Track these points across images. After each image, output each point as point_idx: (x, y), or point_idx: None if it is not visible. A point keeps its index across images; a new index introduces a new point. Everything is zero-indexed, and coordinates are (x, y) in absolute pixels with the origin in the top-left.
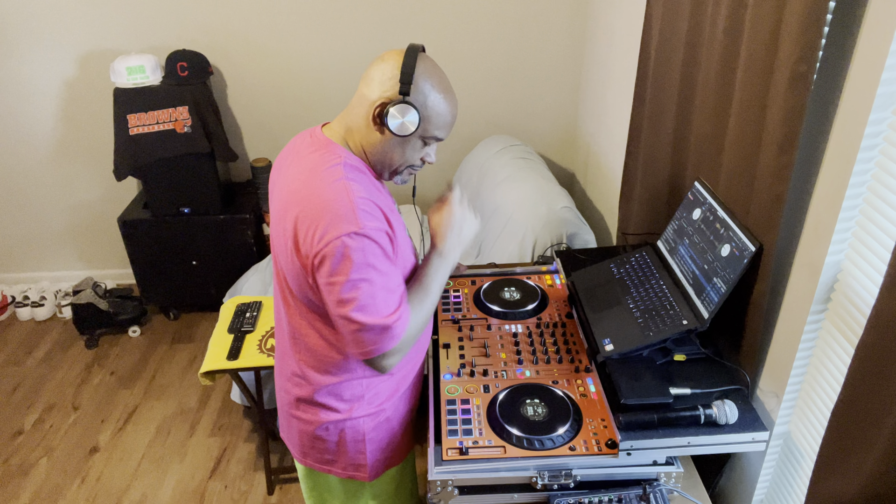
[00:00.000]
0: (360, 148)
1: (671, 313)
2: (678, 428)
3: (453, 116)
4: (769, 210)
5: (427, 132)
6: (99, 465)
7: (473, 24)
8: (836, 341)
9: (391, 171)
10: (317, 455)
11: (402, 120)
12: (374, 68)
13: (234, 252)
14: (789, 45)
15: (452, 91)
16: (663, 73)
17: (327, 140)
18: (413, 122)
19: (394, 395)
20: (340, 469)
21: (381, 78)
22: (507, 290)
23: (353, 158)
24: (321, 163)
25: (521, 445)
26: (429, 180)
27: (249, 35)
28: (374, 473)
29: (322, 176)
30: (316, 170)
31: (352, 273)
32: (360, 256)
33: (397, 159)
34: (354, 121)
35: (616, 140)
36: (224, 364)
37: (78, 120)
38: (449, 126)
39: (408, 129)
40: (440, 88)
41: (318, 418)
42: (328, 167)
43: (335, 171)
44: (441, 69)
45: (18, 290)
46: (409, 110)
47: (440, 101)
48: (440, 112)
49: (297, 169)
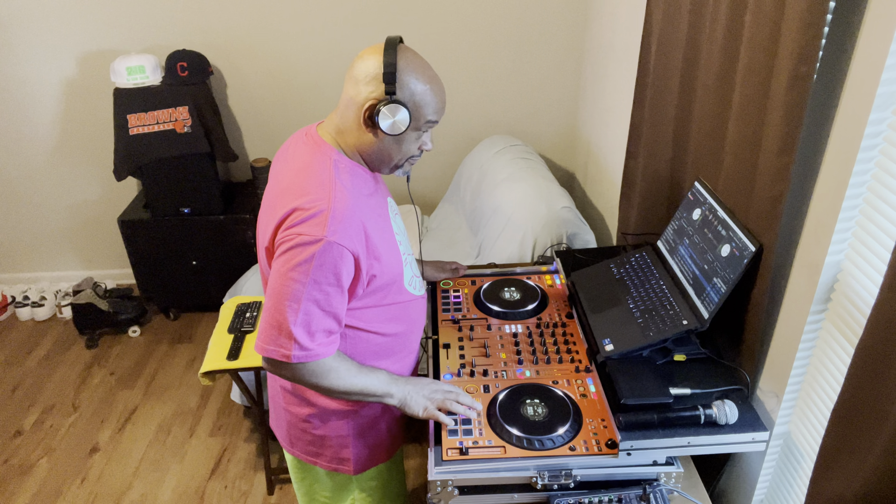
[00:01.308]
0: (353, 149)
1: (671, 313)
2: (678, 428)
3: (443, 100)
4: (769, 210)
5: (419, 122)
6: (99, 465)
7: (474, 24)
8: (836, 341)
9: (392, 166)
10: (303, 446)
11: (393, 119)
12: (355, 68)
13: (234, 252)
14: (789, 45)
15: (436, 76)
16: (663, 74)
17: (321, 140)
18: (404, 121)
19: None
20: (325, 462)
21: (365, 78)
22: (507, 290)
23: (345, 160)
24: (311, 162)
25: (521, 445)
26: (429, 180)
27: (249, 35)
28: (358, 468)
29: (309, 176)
30: (304, 169)
31: (293, 273)
32: (308, 263)
33: (396, 155)
34: (345, 123)
35: (616, 140)
36: (224, 364)
37: (78, 120)
38: (440, 110)
39: (400, 128)
40: (425, 79)
41: (302, 410)
42: (318, 168)
43: (324, 174)
44: (422, 58)
45: (18, 290)
46: (398, 109)
47: (427, 92)
48: (428, 101)
49: (289, 167)
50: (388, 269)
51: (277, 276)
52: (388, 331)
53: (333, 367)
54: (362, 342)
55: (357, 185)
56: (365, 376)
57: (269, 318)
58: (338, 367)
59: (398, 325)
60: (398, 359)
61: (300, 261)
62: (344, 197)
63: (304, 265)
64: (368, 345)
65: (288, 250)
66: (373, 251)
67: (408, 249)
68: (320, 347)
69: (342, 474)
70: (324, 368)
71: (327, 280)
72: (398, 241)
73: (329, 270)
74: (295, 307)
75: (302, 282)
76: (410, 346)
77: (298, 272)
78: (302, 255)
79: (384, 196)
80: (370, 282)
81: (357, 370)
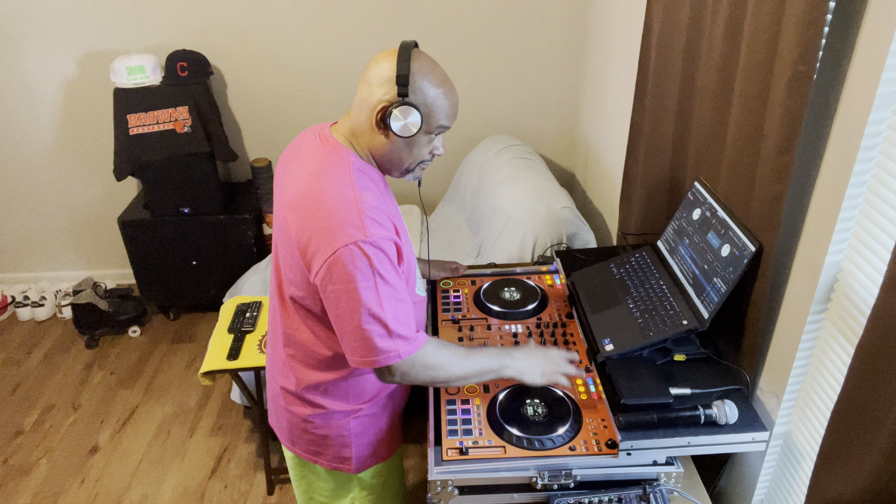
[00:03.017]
0: (366, 151)
1: (671, 313)
2: (678, 428)
3: (455, 106)
4: (769, 210)
5: (431, 126)
6: (99, 465)
7: (474, 24)
8: (836, 341)
9: (403, 170)
10: (304, 445)
11: (404, 122)
12: (370, 71)
13: (234, 252)
14: (789, 45)
15: (450, 81)
16: (663, 73)
17: (336, 142)
18: (416, 123)
19: (379, 394)
20: (326, 461)
21: (378, 81)
22: (507, 290)
23: (361, 163)
24: (330, 166)
25: (520, 445)
26: (429, 181)
27: (249, 35)
28: (359, 467)
29: (331, 179)
30: (324, 173)
31: (359, 282)
32: (366, 265)
33: (407, 158)
34: (358, 126)
35: (616, 140)
36: (224, 364)
37: (78, 120)
38: (453, 116)
39: (411, 130)
40: (438, 82)
41: (304, 411)
42: (337, 171)
43: (345, 177)
44: (436, 62)
45: (18, 290)
46: (410, 111)
47: (439, 96)
48: (441, 106)
49: (304, 170)
50: (409, 265)
51: (345, 293)
52: None
53: (443, 355)
54: None
55: (374, 186)
56: (475, 357)
57: (361, 332)
58: (447, 354)
59: None
60: None
61: (360, 269)
62: (369, 197)
63: (364, 272)
64: None
65: (346, 266)
66: (401, 244)
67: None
68: (420, 335)
69: (342, 473)
70: (434, 360)
71: (388, 272)
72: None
73: (387, 264)
74: (380, 311)
75: (371, 287)
76: None
77: (365, 279)
78: (358, 265)
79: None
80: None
81: (465, 353)
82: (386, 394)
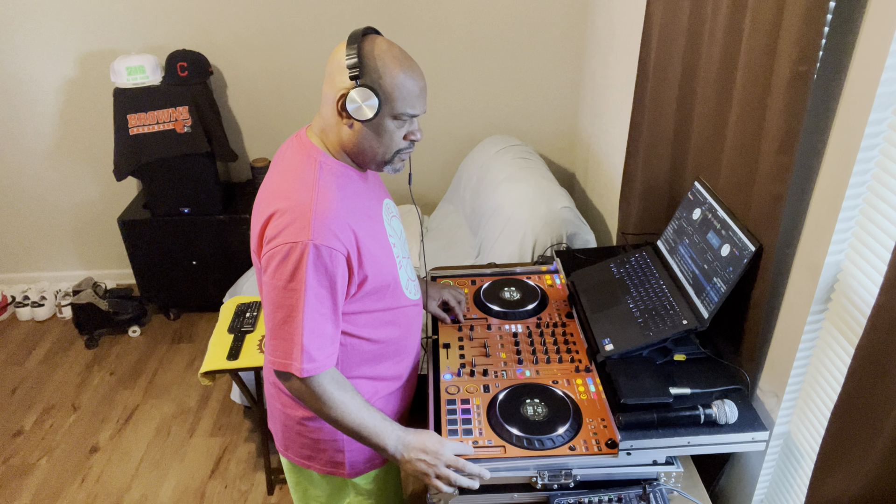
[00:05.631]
0: (338, 147)
1: (671, 313)
2: (678, 428)
3: (419, 87)
4: (769, 210)
5: (395, 110)
6: (99, 465)
7: (474, 24)
8: (836, 341)
9: (379, 161)
10: (297, 449)
11: (360, 104)
12: (328, 65)
13: (234, 252)
14: (789, 45)
15: (410, 62)
16: (663, 74)
17: (308, 142)
18: (372, 105)
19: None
20: (319, 466)
21: (336, 71)
22: (507, 290)
23: (332, 162)
24: (296, 166)
25: (521, 445)
26: (429, 181)
27: (249, 35)
28: (353, 472)
29: (292, 180)
30: (288, 173)
31: (288, 282)
32: (301, 267)
33: (378, 147)
34: (326, 121)
35: (616, 140)
36: (224, 364)
37: (78, 120)
38: (417, 98)
39: (367, 114)
40: (395, 63)
41: (297, 412)
42: (301, 172)
43: (307, 178)
44: (396, 46)
45: (18, 290)
46: (365, 93)
47: (398, 75)
48: (400, 85)
49: (277, 170)
50: (381, 272)
51: (273, 290)
52: (381, 337)
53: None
54: (352, 350)
55: (343, 185)
56: (366, 415)
57: (277, 331)
58: (342, 396)
59: (393, 330)
60: (392, 364)
61: (292, 270)
62: (327, 198)
63: (296, 273)
64: (358, 352)
65: (280, 263)
66: (364, 252)
67: (403, 252)
68: (327, 362)
69: (337, 478)
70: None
71: (321, 283)
72: (392, 244)
73: (322, 273)
74: (298, 318)
75: (299, 290)
76: (407, 350)
77: (295, 282)
78: (291, 264)
79: (379, 197)
80: (362, 284)
81: (360, 406)
82: (376, 399)
